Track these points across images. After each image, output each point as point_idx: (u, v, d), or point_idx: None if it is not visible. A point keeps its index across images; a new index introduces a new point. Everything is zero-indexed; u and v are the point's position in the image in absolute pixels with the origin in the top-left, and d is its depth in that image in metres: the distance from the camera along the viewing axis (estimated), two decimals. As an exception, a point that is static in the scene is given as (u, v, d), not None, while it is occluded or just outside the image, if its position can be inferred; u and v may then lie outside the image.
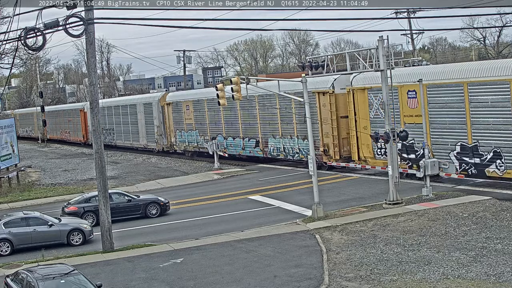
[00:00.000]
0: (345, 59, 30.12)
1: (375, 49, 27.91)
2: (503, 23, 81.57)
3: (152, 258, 22.75)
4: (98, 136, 25.01)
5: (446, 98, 30.51)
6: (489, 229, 22.46)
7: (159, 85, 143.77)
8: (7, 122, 46.12)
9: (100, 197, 24.96)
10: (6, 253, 25.68)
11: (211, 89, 48.25)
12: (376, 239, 22.63)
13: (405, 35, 67.48)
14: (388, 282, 18.11)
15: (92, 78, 24.90)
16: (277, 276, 19.54)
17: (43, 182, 46.32)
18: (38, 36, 23.39)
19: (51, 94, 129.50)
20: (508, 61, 29.98)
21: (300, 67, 32.07)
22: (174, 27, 49.97)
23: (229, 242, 24.26)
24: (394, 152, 28.00)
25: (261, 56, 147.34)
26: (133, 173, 47.74)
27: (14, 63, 39.33)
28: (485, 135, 28.89)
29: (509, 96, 27.57)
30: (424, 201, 27.73)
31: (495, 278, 17.63)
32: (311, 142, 27.66)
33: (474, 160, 29.40)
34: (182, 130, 53.96)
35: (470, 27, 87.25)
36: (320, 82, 37.53)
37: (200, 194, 36.27)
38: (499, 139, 28.25)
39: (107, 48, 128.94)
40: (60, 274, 17.54)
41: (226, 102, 30.07)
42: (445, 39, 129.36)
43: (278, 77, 56.29)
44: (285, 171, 41.28)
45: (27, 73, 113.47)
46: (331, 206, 28.84)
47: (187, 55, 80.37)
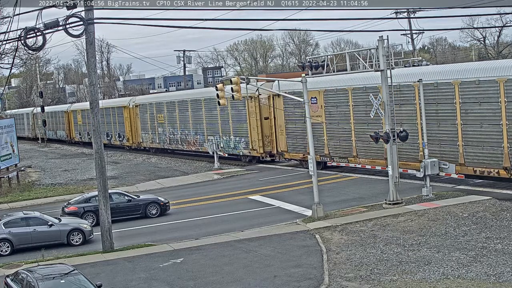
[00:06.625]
0: (345, 59, 30.13)
1: (375, 49, 27.91)
2: (503, 23, 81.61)
3: (152, 258, 22.75)
4: (98, 136, 25.02)
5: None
6: (489, 229, 22.46)
7: (159, 85, 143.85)
8: (7, 122, 46.10)
9: (100, 197, 24.96)
10: (6, 253, 25.69)
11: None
12: (376, 239, 22.63)
13: (405, 35, 67.59)
14: (388, 282, 18.11)
15: (92, 78, 24.90)
16: (277, 276, 19.54)
17: (43, 182, 46.32)
18: (38, 36, 23.39)
19: (51, 94, 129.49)
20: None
21: (300, 67, 32.10)
22: (174, 27, 49.84)
23: (229, 242, 24.26)
24: (394, 152, 27.99)
25: (261, 56, 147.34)
26: (133, 173, 47.75)
27: (14, 63, 39.32)
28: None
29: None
30: (424, 201, 27.73)
31: (495, 278, 17.63)
32: (311, 142, 27.63)
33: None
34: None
35: (470, 27, 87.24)
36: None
37: (200, 194, 36.27)
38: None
39: (107, 48, 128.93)
40: (60, 274, 17.54)
41: (221, 104, 30.35)
42: (445, 39, 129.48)
43: (278, 77, 56.28)
44: (285, 171, 41.30)
45: (27, 73, 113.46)
46: (331, 206, 28.84)
47: (187, 55, 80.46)
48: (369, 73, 31.78)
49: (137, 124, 62.49)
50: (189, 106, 52.79)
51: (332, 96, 37.56)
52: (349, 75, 32.97)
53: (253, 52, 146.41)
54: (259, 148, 45.08)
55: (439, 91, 30.70)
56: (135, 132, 63.20)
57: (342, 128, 36.69)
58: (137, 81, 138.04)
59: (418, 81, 30.08)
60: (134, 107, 62.74)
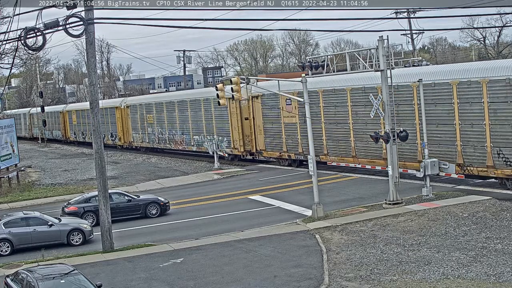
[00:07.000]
0: (345, 59, 30.12)
1: (375, 49, 27.90)
2: (503, 23, 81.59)
3: (152, 258, 22.75)
4: (98, 136, 25.02)
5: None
6: (489, 229, 22.46)
7: (159, 85, 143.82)
8: (7, 122, 46.10)
9: (100, 197, 24.96)
10: (6, 253, 25.68)
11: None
12: (376, 239, 22.63)
13: (405, 35, 67.59)
14: (388, 282, 18.11)
15: (92, 78, 24.90)
16: (277, 276, 19.54)
17: (43, 182, 46.33)
18: (38, 36, 23.38)
19: (51, 94, 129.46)
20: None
21: (300, 67, 32.11)
22: (174, 27, 49.85)
23: (229, 242, 24.26)
24: (394, 152, 27.99)
25: (261, 56, 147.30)
26: (133, 173, 47.75)
27: (14, 63, 39.29)
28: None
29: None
30: (424, 201, 27.73)
31: (495, 278, 17.63)
32: (311, 142, 27.64)
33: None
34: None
35: (470, 27, 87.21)
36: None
37: (200, 194, 36.27)
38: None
39: (107, 48, 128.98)
40: (60, 274, 17.54)
41: (223, 104, 30.30)
42: (445, 39, 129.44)
43: (278, 77, 56.31)
44: (285, 171, 41.29)
45: (27, 73, 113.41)
46: (331, 206, 28.84)
47: (187, 55, 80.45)
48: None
49: (128, 124, 64.64)
50: (176, 107, 55.10)
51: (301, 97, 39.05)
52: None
53: (253, 52, 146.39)
54: (240, 147, 47.00)
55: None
56: (127, 132, 65.32)
57: (313, 128, 37.61)
58: (137, 81, 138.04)
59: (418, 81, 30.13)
60: (126, 107, 64.82)
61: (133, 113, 63.26)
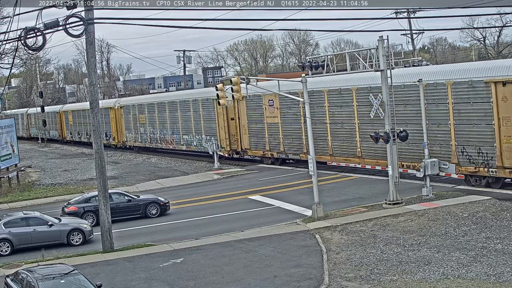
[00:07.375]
0: (345, 59, 30.11)
1: (375, 49, 27.89)
2: (503, 23, 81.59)
3: (152, 258, 22.75)
4: (98, 136, 25.03)
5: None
6: (489, 229, 22.46)
7: (159, 85, 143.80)
8: (7, 122, 46.10)
9: (100, 197, 24.96)
10: (6, 253, 25.69)
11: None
12: (376, 239, 22.63)
13: (405, 35, 67.61)
14: (388, 282, 18.11)
15: (92, 78, 24.90)
16: (277, 276, 19.54)
17: (43, 182, 46.33)
18: (38, 36, 23.38)
19: (51, 94, 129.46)
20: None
21: (300, 67, 32.10)
22: (174, 27, 49.92)
23: (229, 242, 24.26)
24: (394, 152, 27.98)
25: (261, 56, 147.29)
26: (133, 173, 47.75)
27: (14, 63, 39.31)
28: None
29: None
30: (424, 201, 27.72)
31: (495, 278, 17.63)
32: (311, 142, 27.63)
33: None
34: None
35: (470, 27, 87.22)
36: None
37: (200, 194, 36.27)
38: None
39: (107, 48, 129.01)
40: (60, 274, 17.54)
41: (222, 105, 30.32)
42: (445, 39, 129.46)
43: (278, 77, 56.26)
44: (285, 171, 41.30)
45: (27, 73, 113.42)
46: (331, 206, 28.84)
47: (187, 55, 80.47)
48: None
49: (122, 124, 66.47)
50: (167, 108, 56.86)
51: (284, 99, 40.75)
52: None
53: (253, 52, 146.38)
54: (226, 146, 48.62)
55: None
56: (120, 132, 67.04)
57: (294, 128, 40.93)
58: (137, 81, 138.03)
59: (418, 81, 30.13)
60: (119, 108, 66.57)
61: (126, 114, 64.97)
